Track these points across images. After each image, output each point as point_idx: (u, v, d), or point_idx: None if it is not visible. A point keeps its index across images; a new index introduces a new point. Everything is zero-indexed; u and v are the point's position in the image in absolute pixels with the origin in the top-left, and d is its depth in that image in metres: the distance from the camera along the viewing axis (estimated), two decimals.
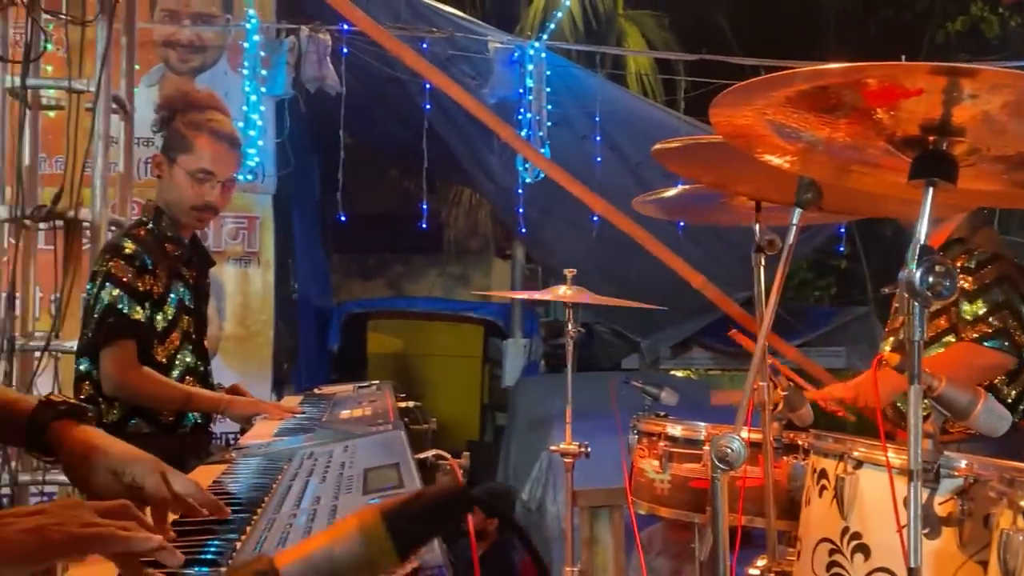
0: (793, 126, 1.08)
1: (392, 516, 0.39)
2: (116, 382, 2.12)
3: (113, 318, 2.12)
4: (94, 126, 2.68)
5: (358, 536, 0.38)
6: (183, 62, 5.20)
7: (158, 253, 2.23)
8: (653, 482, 2.28)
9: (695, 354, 7.73)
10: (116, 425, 2.17)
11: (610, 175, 5.33)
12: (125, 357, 2.12)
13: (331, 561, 0.37)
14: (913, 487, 0.96)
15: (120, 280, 2.13)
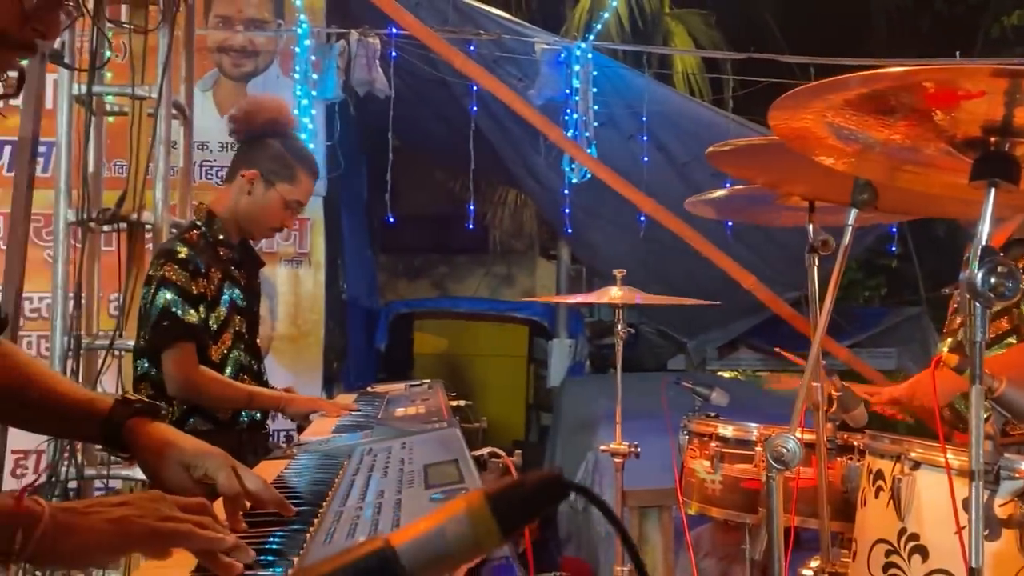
0: (851, 128, 1.09)
1: (496, 499, 0.42)
2: (179, 383, 2.18)
3: (168, 321, 2.18)
4: (156, 131, 2.76)
5: (466, 518, 0.41)
6: (236, 67, 5.32)
7: (210, 256, 2.30)
8: (704, 482, 2.28)
9: (742, 355, 7.66)
10: (175, 423, 2.24)
11: (657, 175, 5.32)
12: (186, 359, 2.18)
13: (443, 540, 0.40)
14: (975, 488, 0.96)
15: (174, 284, 2.20)
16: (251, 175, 2.34)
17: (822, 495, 1.77)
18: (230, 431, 2.30)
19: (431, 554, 0.39)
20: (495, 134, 5.58)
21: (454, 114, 5.50)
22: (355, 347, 6.40)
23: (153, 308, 2.20)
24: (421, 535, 0.40)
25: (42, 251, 4.05)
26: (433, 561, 0.39)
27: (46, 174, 3.48)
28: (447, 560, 0.40)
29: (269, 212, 2.34)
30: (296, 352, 5.25)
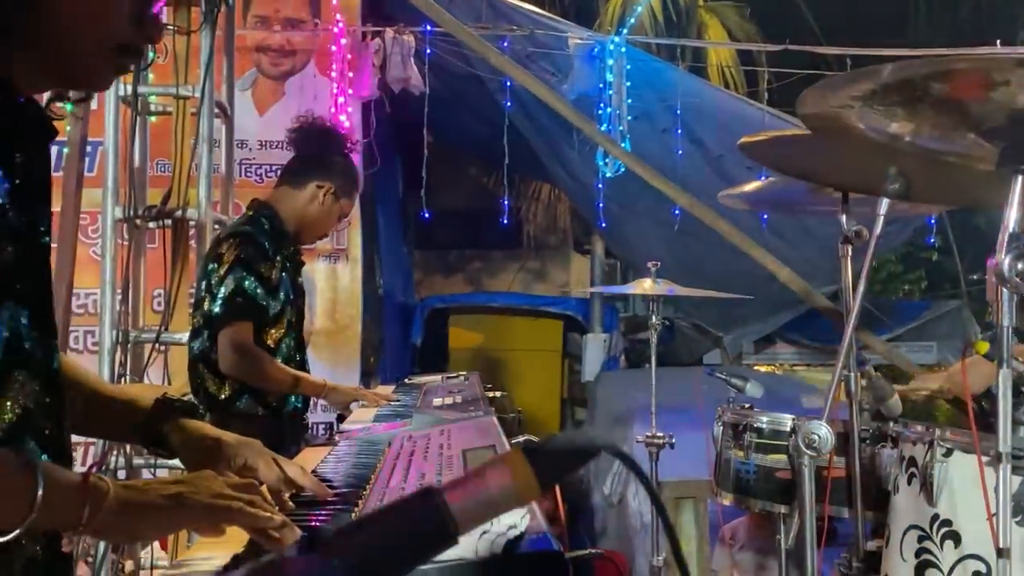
0: (881, 117, 1.11)
1: (535, 454, 0.46)
2: (232, 360, 2.26)
3: (241, 298, 2.27)
4: (199, 129, 2.83)
5: (508, 470, 0.45)
6: (274, 66, 5.40)
7: (274, 245, 2.40)
8: (738, 473, 2.29)
9: (779, 349, 7.61)
10: (226, 403, 2.31)
11: (691, 168, 5.32)
12: (243, 337, 2.27)
13: (487, 491, 0.44)
14: (1002, 469, 0.97)
15: (248, 264, 2.29)
16: (328, 188, 2.47)
17: (856, 484, 1.78)
18: (276, 416, 2.37)
19: (476, 503, 0.43)
20: (529, 129, 5.61)
21: (488, 110, 5.54)
22: (391, 342, 6.48)
23: (223, 286, 2.28)
24: (467, 486, 0.44)
25: (88, 248, 4.16)
26: (477, 509, 0.43)
27: (91, 174, 3.58)
28: (489, 509, 0.44)
29: (329, 223, 2.54)
30: (334, 346, 5.33)
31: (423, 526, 0.41)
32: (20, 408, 0.88)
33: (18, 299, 0.88)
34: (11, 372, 0.87)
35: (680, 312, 7.76)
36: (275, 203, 2.46)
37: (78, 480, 0.83)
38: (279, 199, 2.48)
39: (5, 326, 0.86)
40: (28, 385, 0.89)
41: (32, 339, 0.90)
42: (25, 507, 0.78)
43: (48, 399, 0.92)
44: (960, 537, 1.32)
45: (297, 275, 2.56)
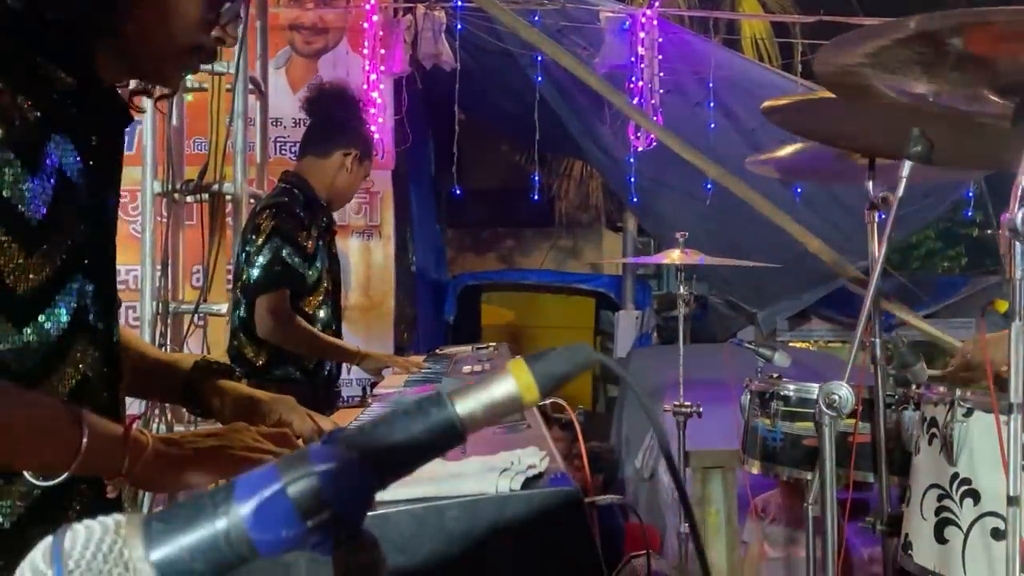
0: (900, 76, 1.11)
1: (535, 361, 0.49)
2: (270, 326, 2.32)
3: (280, 267, 2.33)
4: (234, 106, 2.89)
5: (511, 377, 0.48)
6: (307, 44, 5.45)
7: (309, 215, 2.45)
8: (765, 440, 2.31)
9: (814, 326, 7.56)
10: (263, 369, 2.38)
11: (724, 142, 5.28)
12: (280, 304, 2.33)
13: (490, 395, 0.47)
14: (1013, 420, 0.99)
15: (285, 233, 2.35)
16: (355, 155, 2.53)
17: (880, 449, 1.80)
18: (311, 382, 2.44)
19: (480, 405, 0.47)
20: (560, 105, 5.61)
21: (519, 86, 5.54)
22: (424, 318, 6.55)
23: (262, 254, 2.34)
24: (473, 390, 0.48)
25: (129, 226, 4.27)
26: (482, 411, 0.47)
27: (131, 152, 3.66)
28: (493, 411, 0.47)
29: (354, 187, 2.59)
30: (367, 322, 5.41)
31: (433, 426, 0.45)
32: (80, 376, 0.93)
33: (86, 273, 0.94)
34: (76, 341, 0.92)
35: (714, 289, 7.73)
36: (305, 174, 2.50)
37: (120, 432, 0.88)
38: (307, 169, 2.52)
39: (74, 298, 0.92)
40: (90, 354, 0.94)
41: (96, 312, 0.95)
42: (71, 453, 0.82)
43: (106, 369, 0.97)
44: (979, 495, 1.33)
45: (332, 245, 2.61)
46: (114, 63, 0.97)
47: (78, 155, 0.93)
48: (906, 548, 1.48)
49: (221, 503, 0.40)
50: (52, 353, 0.90)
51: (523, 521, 0.76)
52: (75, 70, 0.92)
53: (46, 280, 0.89)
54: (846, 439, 1.97)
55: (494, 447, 0.97)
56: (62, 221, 0.90)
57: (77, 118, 0.93)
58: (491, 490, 0.77)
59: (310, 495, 0.40)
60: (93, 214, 0.96)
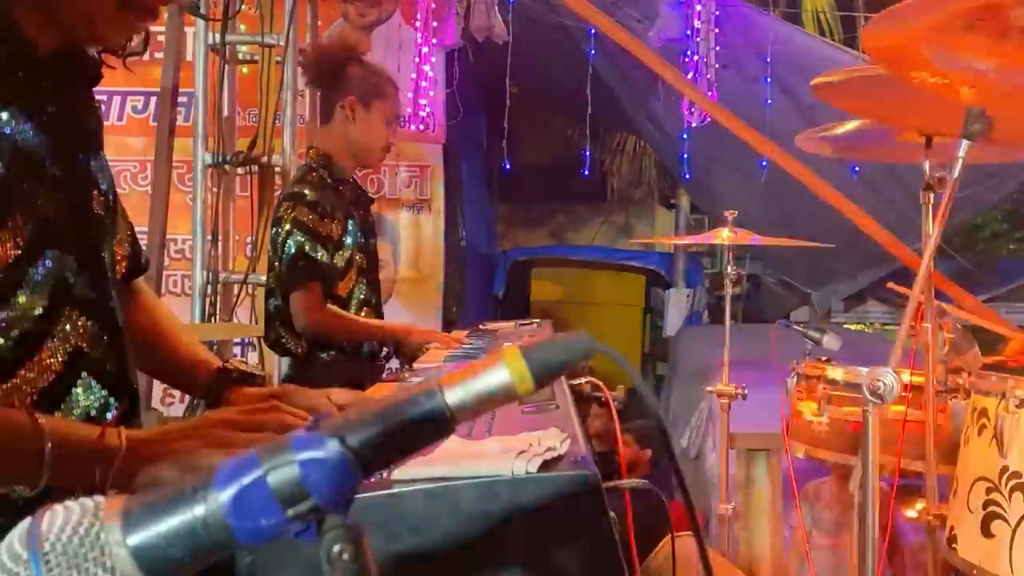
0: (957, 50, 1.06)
1: (529, 350, 0.48)
2: (305, 322, 2.30)
3: (303, 262, 2.28)
4: (283, 78, 2.90)
5: (504, 366, 0.47)
6: (361, 16, 5.44)
7: (332, 197, 2.39)
8: (811, 424, 2.27)
9: (871, 307, 7.38)
10: (304, 355, 2.39)
11: (781, 118, 5.14)
12: (313, 298, 2.30)
13: (483, 385, 0.46)
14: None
15: (306, 226, 2.30)
16: (350, 102, 2.41)
17: (929, 437, 1.74)
18: (352, 360, 2.44)
19: (471, 395, 0.46)
20: (613, 78, 5.52)
21: (572, 59, 5.47)
22: (473, 292, 6.56)
23: (286, 250, 2.31)
24: (466, 379, 0.46)
25: (185, 196, 4.35)
26: (473, 401, 0.46)
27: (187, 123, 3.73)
28: (485, 401, 0.46)
29: (375, 132, 2.42)
30: (417, 295, 5.44)
31: (422, 415, 0.44)
32: (72, 348, 0.91)
33: (64, 245, 0.91)
34: (60, 315, 0.90)
35: (768, 268, 7.59)
36: (323, 145, 2.45)
37: (91, 439, 0.84)
38: (324, 139, 2.46)
39: (51, 270, 0.89)
40: (80, 324, 0.92)
41: (82, 283, 0.93)
42: (36, 465, 0.79)
43: (105, 337, 0.95)
44: None
45: (366, 216, 2.55)
46: (46, 28, 0.93)
47: (36, 128, 0.90)
48: (951, 541, 1.44)
49: (200, 489, 0.40)
50: (35, 329, 0.88)
51: (538, 504, 0.75)
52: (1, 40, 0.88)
53: (13, 262, 0.86)
54: (895, 425, 1.92)
55: (522, 427, 0.96)
56: (23, 199, 0.87)
57: (25, 91, 0.89)
58: (507, 472, 0.75)
59: (291, 483, 0.40)
60: (65, 183, 0.93)
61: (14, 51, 0.89)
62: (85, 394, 0.93)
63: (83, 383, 0.93)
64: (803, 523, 3.01)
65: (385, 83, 2.44)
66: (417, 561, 0.75)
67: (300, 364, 2.41)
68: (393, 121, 2.46)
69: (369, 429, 0.42)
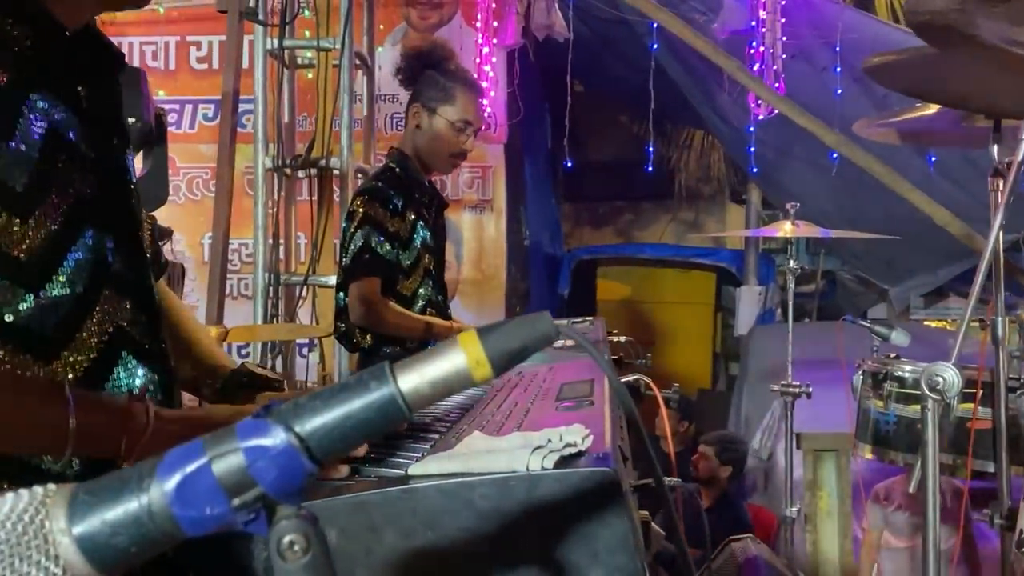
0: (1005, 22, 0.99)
1: (487, 334, 0.46)
2: (360, 313, 2.32)
3: (368, 255, 2.31)
4: (340, 81, 2.94)
5: (460, 350, 0.45)
6: (423, 19, 5.50)
7: (406, 196, 2.40)
8: (877, 424, 2.18)
9: (952, 303, 7.09)
10: (370, 349, 2.42)
11: (853, 109, 4.96)
12: (370, 291, 2.31)
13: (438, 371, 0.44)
14: None
15: (375, 220, 2.32)
16: (415, 108, 2.43)
17: (1001, 436, 1.65)
18: None
19: (425, 380, 0.44)
20: (678, 72, 5.44)
21: (636, 54, 5.40)
22: (537, 292, 6.54)
23: (353, 242, 2.34)
24: (418, 364, 0.45)
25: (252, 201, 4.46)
26: (428, 387, 0.44)
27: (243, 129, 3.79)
28: (440, 387, 0.44)
29: (440, 139, 2.42)
30: (480, 295, 5.46)
31: (373, 402, 0.42)
32: (113, 327, 0.92)
33: (102, 225, 0.92)
34: (99, 294, 0.91)
35: (844, 264, 7.36)
36: (403, 146, 2.48)
37: (118, 409, 0.85)
38: (404, 141, 2.50)
39: (89, 252, 0.90)
40: (120, 303, 0.93)
41: (120, 262, 0.94)
42: (63, 435, 0.80)
43: (144, 316, 0.96)
44: None
45: (439, 217, 2.56)
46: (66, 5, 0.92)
47: (68, 109, 0.90)
48: (1019, 545, 1.35)
49: (145, 477, 0.39)
50: (75, 309, 0.89)
51: (554, 502, 0.73)
52: (28, 20, 0.88)
53: (52, 241, 0.87)
54: (964, 424, 1.83)
55: (554, 424, 0.94)
56: (58, 179, 0.88)
57: (56, 71, 0.90)
58: (522, 468, 0.73)
59: (236, 472, 0.38)
60: (99, 164, 0.93)
61: (41, 31, 0.89)
62: (126, 373, 0.93)
63: (123, 362, 0.93)
64: (873, 525, 2.91)
65: (457, 89, 2.42)
66: (432, 558, 0.73)
67: (365, 359, 2.44)
68: (462, 127, 2.42)
69: (318, 416, 0.41)
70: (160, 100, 4.09)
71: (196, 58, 4.73)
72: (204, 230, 4.48)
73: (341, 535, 0.73)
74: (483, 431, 1.06)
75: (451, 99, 2.41)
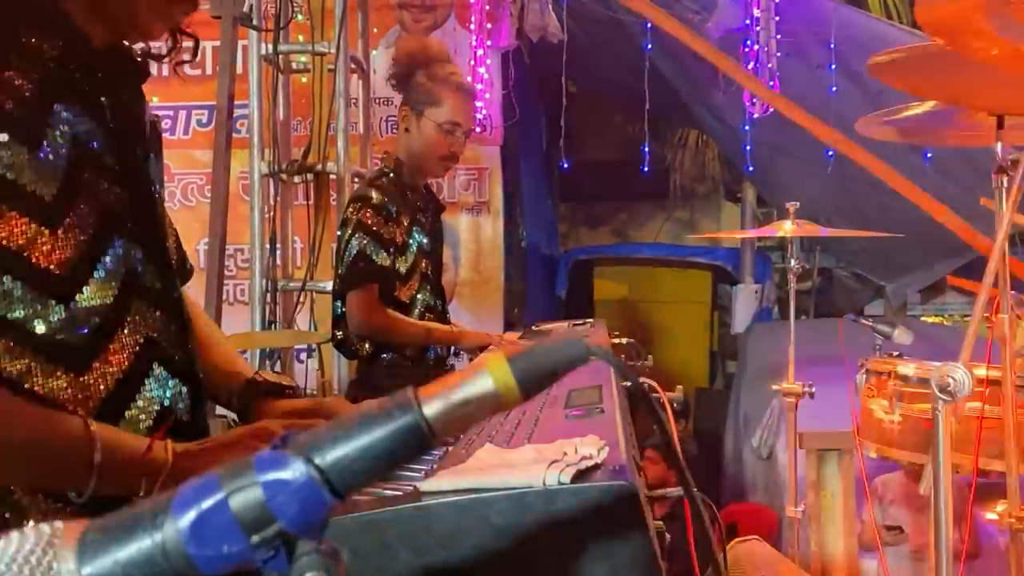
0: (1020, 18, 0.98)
1: (515, 358, 0.44)
2: (359, 322, 2.29)
3: (363, 263, 2.27)
4: (335, 85, 2.92)
5: (488, 374, 0.43)
6: (416, 22, 5.48)
7: (400, 201, 2.37)
8: (882, 423, 2.17)
9: (949, 299, 7.10)
10: (370, 357, 2.39)
11: (848, 106, 4.97)
12: (368, 299, 2.28)
13: (465, 397, 0.43)
14: None
15: (369, 228, 2.28)
16: (404, 112, 2.40)
17: (1009, 435, 1.64)
18: (420, 364, 2.42)
19: (452, 407, 0.42)
20: (672, 71, 5.43)
21: (630, 55, 5.39)
22: (534, 293, 6.52)
23: (348, 250, 2.31)
24: (445, 389, 0.43)
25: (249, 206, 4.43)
26: (454, 414, 0.42)
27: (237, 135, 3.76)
28: (468, 414, 0.42)
29: (429, 142, 2.38)
30: (478, 298, 5.44)
31: (398, 431, 0.40)
32: (144, 338, 0.91)
33: (131, 236, 0.92)
34: (130, 305, 0.90)
35: (841, 261, 7.36)
36: (396, 151, 2.45)
37: (139, 451, 0.84)
38: (396, 146, 2.47)
39: (120, 263, 0.90)
40: (149, 314, 0.92)
41: (150, 272, 0.93)
42: (86, 474, 0.80)
43: (173, 327, 0.95)
44: None
45: (436, 221, 2.53)
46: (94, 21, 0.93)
47: (92, 120, 0.90)
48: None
49: (159, 514, 0.37)
50: (106, 320, 0.88)
51: (572, 517, 0.71)
52: (57, 35, 0.89)
53: (81, 251, 0.86)
54: (972, 423, 1.82)
55: (565, 433, 0.92)
56: (86, 189, 0.88)
57: (80, 83, 0.90)
58: (538, 483, 0.72)
59: (254, 508, 0.37)
60: (125, 175, 0.93)
61: (69, 43, 0.90)
62: (158, 385, 0.93)
63: (154, 374, 0.93)
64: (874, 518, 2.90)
65: (444, 91, 2.38)
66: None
67: (366, 367, 2.41)
68: (451, 129, 2.39)
69: (338, 446, 0.39)
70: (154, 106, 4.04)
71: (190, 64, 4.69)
72: (199, 236, 4.46)
73: (353, 555, 0.71)
74: (493, 442, 1.04)
75: (438, 101, 2.37)
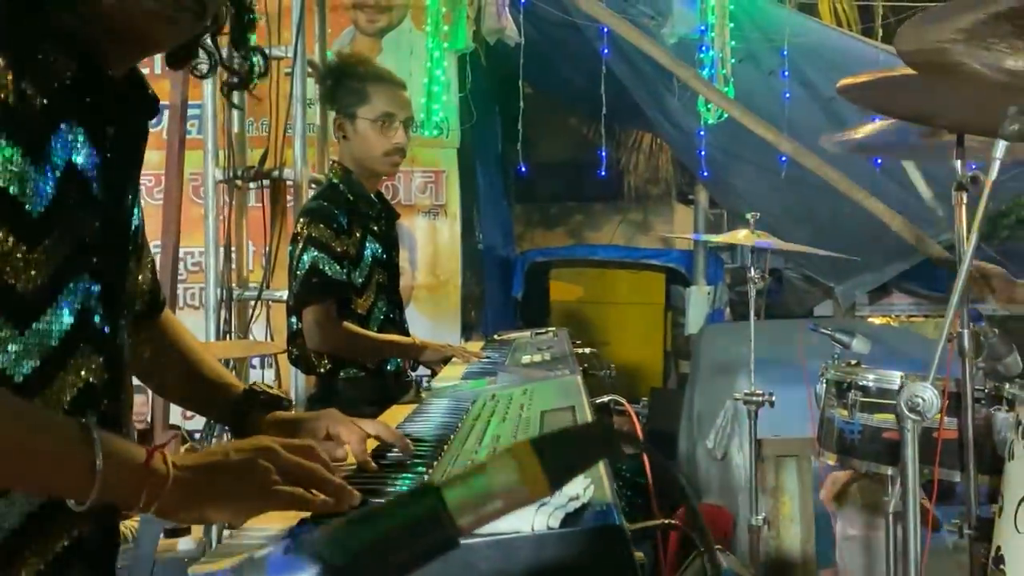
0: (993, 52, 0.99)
1: (542, 447, 0.42)
2: (318, 338, 2.24)
3: (317, 278, 2.22)
4: (292, 89, 2.86)
5: (514, 464, 0.42)
6: (371, 23, 5.42)
7: (350, 212, 2.32)
8: (842, 432, 2.20)
9: (895, 300, 7.25)
10: (328, 373, 2.34)
11: (800, 112, 5.06)
12: (325, 315, 2.23)
13: (489, 488, 0.41)
14: None
15: (320, 242, 2.23)
16: (338, 120, 2.37)
17: (968, 447, 1.67)
18: (380, 377, 2.38)
19: (478, 501, 0.40)
20: (628, 76, 5.46)
21: (586, 58, 5.41)
22: (492, 296, 6.51)
23: (300, 265, 2.25)
24: (469, 484, 0.41)
25: (200, 209, 4.33)
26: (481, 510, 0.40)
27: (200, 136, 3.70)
28: (495, 509, 0.41)
29: (367, 141, 2.34)
30: (435, 301, 5.40)
31: (419, 530, 0.38)
32: (83, 383, 0.88)
33: (93, 273, 0.88)
34: (78, 347, 0.87)
35: (789, 262, 7.48)
36: (343, 160, 2.40)
37: (140, 461, 0.81)
38: (341, 155, 2.42)
39: (78, 299, 0.86)
40: (93, 360, 0.89)
41: (102, 315, 0.90)
42: (87, 480, 0.77)
43: (108, 375, 0.91)
44: None
45: (390, 229, 2.48)
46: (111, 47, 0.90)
47: (92, 146, 0.87)
48: (997, 563, 1.37)
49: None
50: (52, 359, 0.84)
51: (561, 562, 0.69)
52: (74, 57, 0.86)
53: (48, 278, 0.83)
54: (931, 435, 1.85)
55: None
56: (69, 215, 0.84)
57: (88, 107, 0.87)
58: (526, 528, 0.70)
59: None
60: (107, 211, 0.90)
61: (85, 66, 0.87)
62: None
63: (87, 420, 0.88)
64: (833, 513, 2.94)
65: (368, 86, 2.33)
66: None
67: (324, 382, 2.36)
68: (386, 121, 2.33)
69: (357, 547, 0.37)
70: None
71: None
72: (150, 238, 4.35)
73: None
74: None
75: (365, 97, 2.32)
